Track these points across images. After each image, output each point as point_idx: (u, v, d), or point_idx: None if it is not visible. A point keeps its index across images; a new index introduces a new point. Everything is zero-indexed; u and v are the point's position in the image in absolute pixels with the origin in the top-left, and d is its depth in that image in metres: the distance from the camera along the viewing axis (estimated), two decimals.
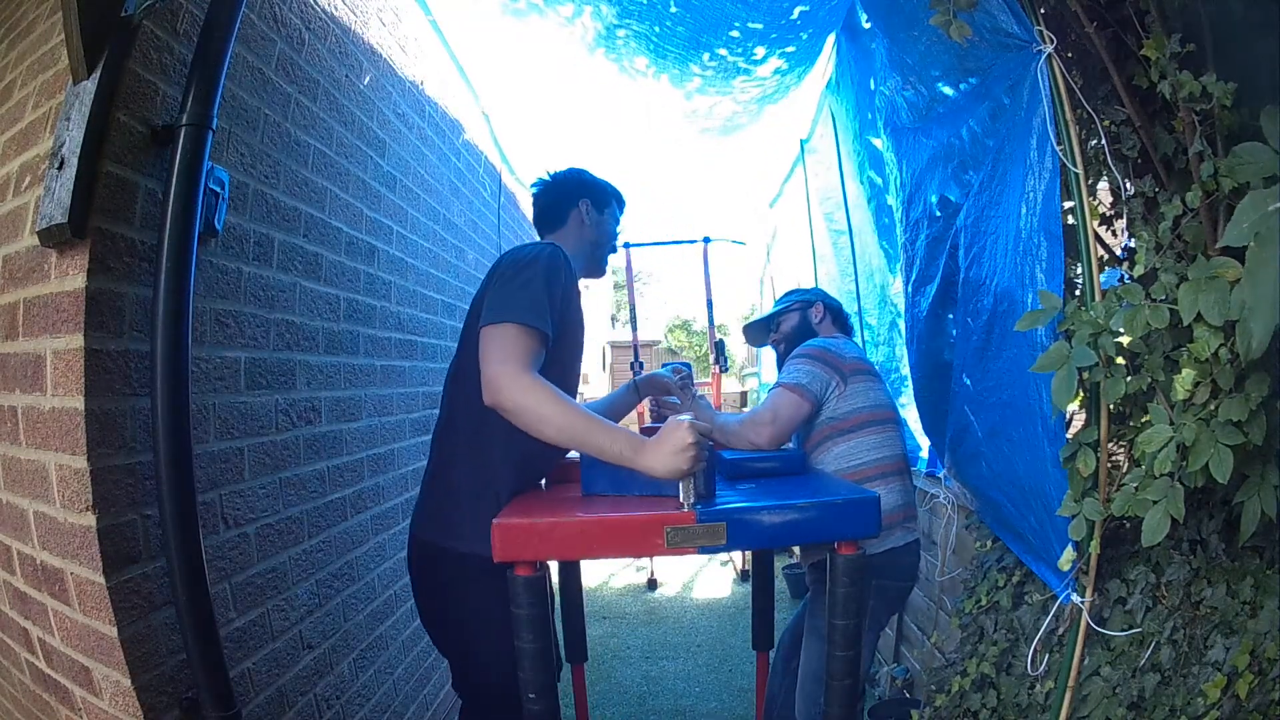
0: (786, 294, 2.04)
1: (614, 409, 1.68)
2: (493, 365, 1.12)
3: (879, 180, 2.40)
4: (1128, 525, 1.25)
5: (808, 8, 2.04)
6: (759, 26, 2.09)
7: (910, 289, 2.03)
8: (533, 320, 1.15)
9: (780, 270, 4.52)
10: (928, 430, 2.10)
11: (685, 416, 1.06)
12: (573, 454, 1.47)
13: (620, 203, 1.54)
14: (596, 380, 13.52)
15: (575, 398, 1.29)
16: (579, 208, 1.47)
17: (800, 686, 1.60)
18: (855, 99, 2.40)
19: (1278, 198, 0.91)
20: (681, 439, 1.02)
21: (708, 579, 4.35)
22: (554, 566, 1.73)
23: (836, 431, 1.64)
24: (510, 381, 1.10)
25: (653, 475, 1.03)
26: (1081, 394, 1.23)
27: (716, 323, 4.31)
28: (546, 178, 1.53)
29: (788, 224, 4.14)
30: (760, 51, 2.23)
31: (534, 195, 1.52)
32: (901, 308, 2.31)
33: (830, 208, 3.17)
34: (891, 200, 2.16)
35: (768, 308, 4.80)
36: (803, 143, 3.46)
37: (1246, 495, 1.04)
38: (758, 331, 2.00)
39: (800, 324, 1.88)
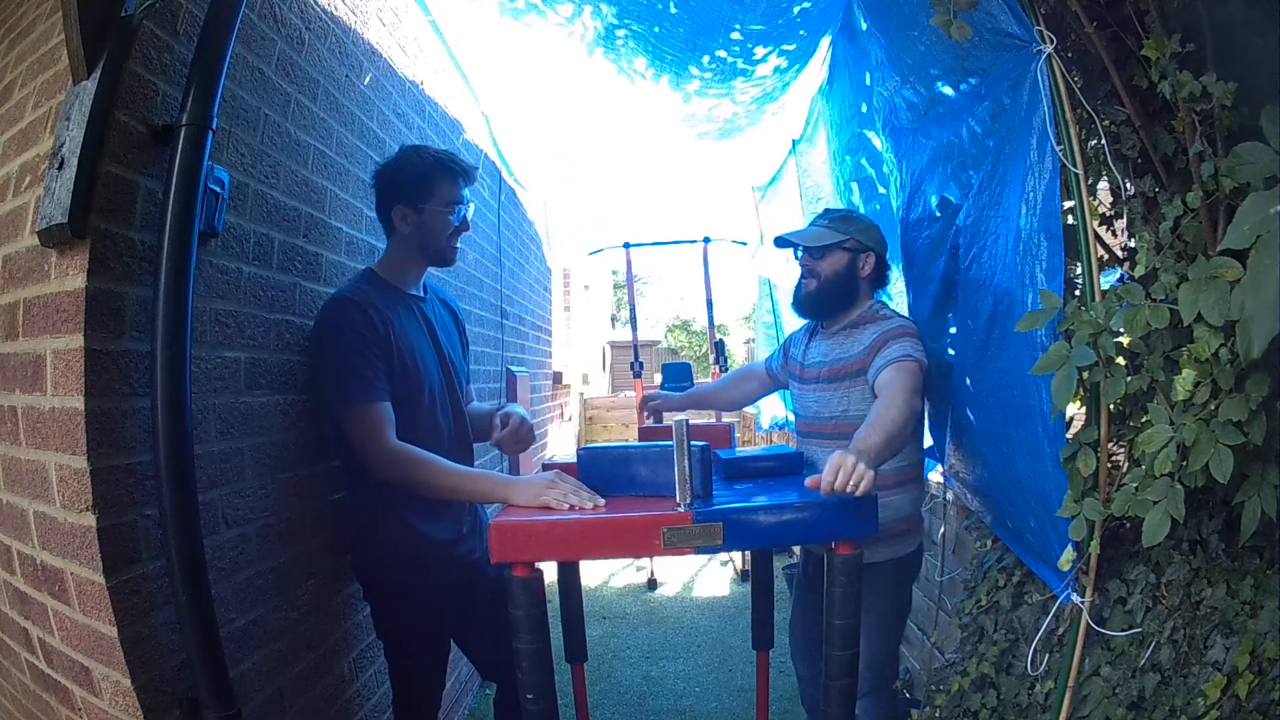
0: (840, 216, 1.73)
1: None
2: (362, 451, 1.32)
3: (873, 174, 2.40)
4: (1128, 525, 1.25)
5: (808, 4, 2.04)
6: (760, 28, 2.09)
7: (910, 289, 2.02)
8: (363, 395, 1.30)
9: (772, 267, 4.50)
10: (929, 429, 2.10)
11: (681, 417, 1.07)
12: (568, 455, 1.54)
13: (451, 172, 1.42)
14: (597, 380, 13.50)
15: (436, 414, 1.44)
16: (394, 216, 1.45)
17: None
18: (851, 95, 2.40)
19: (1278, 200, 0.91)
20: (546, 480, 1.17)
21: (708, 579, 4.35)
22: (552, 566, 1.73)
23: None
24: (385, 464, 1.30)
25: (514, 503, 1.18)
26: (1081, 394, 1.23)
27: (716, 323, 4.30)
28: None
29: (778, 225, 4.13)
30: (760, 51, 2.23)
31: None
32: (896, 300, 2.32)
33: (820, 208, 3.17)
34: (892, 200, 2.16)
35: (766, 306, 4.69)
36: (795, 142, 3.46)
37: (1246, 495, 1.04)
38: (791, 245, 1.74)
39: (846, 271, 1.65)
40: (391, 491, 1.34)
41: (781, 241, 1.75)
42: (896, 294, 2.35)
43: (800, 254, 1.72)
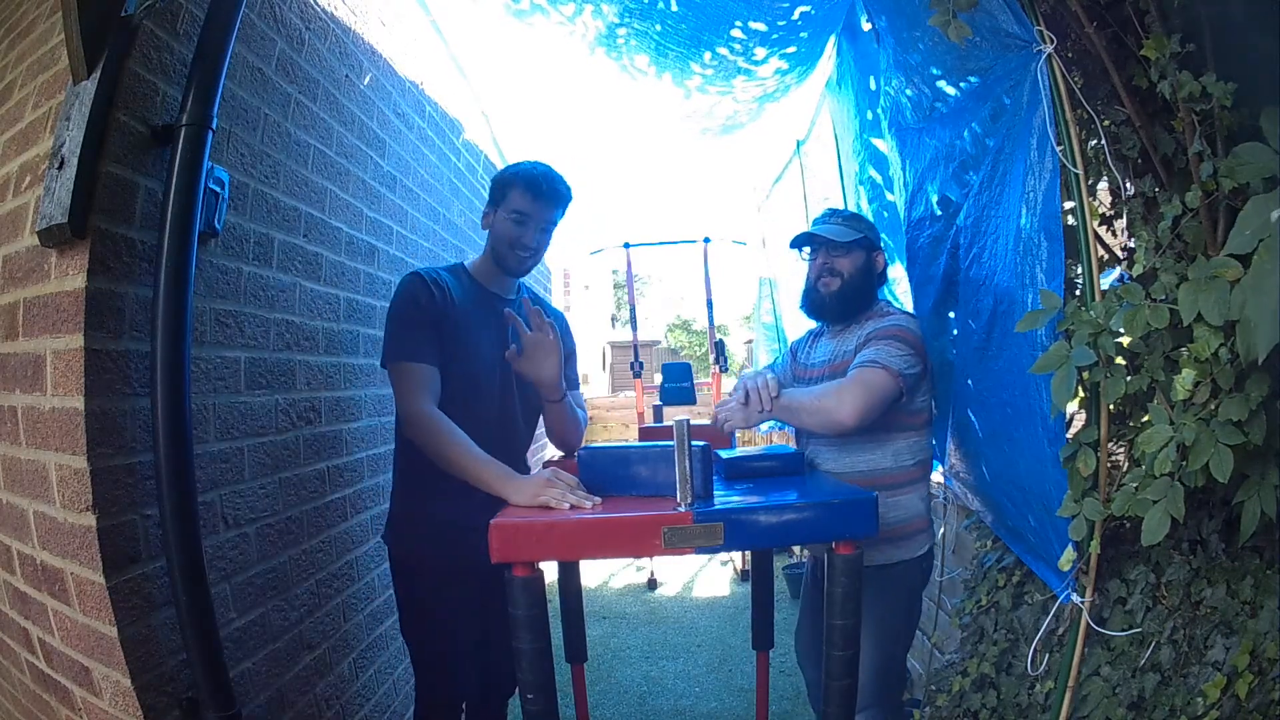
0: (850, 215, 1.69)
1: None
2: (399, 405, 1.38)
3: (879, 179, 2.39)
4: (1128, 525, 1.25)
5: (809, 8, 2.04)
6: (761, 27, 2.09)
7: (913, 288, 2.02)
8: (407, 356, 1.36)
9: (774, 267, 4.51)
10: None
11: (682, 416, 1.06)
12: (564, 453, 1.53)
13: (524, 182, 1.45)
14: (596, 380, 13.51)
15: (476, 401, 1.44)
16: (484, 214, 1.53)
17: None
18: (856, 99, 2.40)
19: (1279, 203, 0.91)
20: (543, 479, 1.17)
21: (708, 579, 4.35)
22: (552, 566, 1.73)
23: (905, 424, 1.51)
24: (409, 422, 1.34)
25: (512, 503, 1.17)
26: (1081, 394, 1.23)
27: (716, 323, 4.30)
28: None
29: (779, 226, 4.12)
30: (761, 53, 2.23)
31: None
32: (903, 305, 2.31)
33: (825, 208, 3.16)
34: (898, 202, 2.16)
35: (767, 307, 4.66)
36: (799, 143, 3.46)
37: (1246, 495, 1.04)
38: (811, 242, 1.65)
39: (864, 269, 1.59)
40: (423, 465, 1.34)
41: (803, 238, 1.66)
42: (901, 294, 2.36)
43: (816, 253, 1.64)
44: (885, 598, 1.45)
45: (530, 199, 1.44)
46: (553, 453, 1.69)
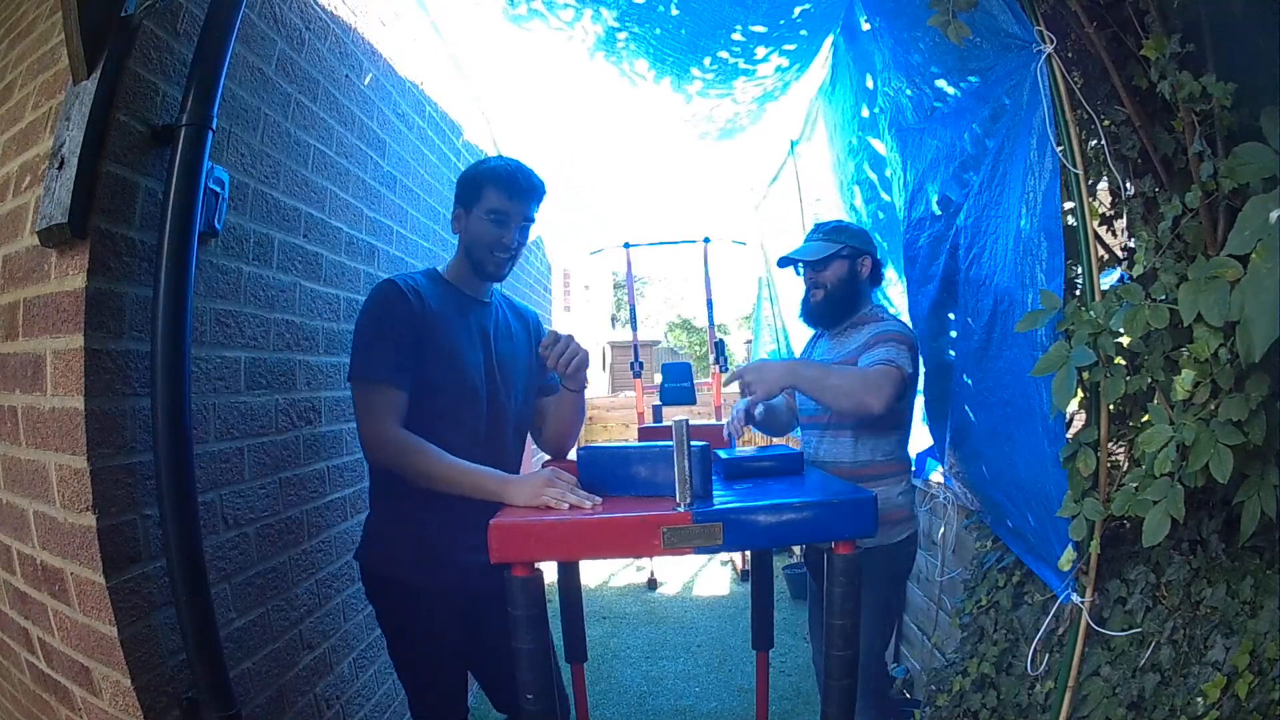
0: (831, 228, 1.83)
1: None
2: (363, 428, 1.29)
3: (875, 179, 2.39)
4: (1128, 525, 1.25)
5: (808, 6, 2.04)
6: (761, 29, 2.09)
7: (911, 288, 2.02)
8: (376, 374, 1.27)
9: (772, 270, 4.52)
10: (929, 429, 2.10)
11: (681, 417, 1.06)
12: (570, 454, 1.52)
13: (497, 181, 1.37)
14: (597, 380, 13.51)
15: (465, 413, 1.36)
16: (454, 217, 1.44)
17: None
18: (854, 99, 2.40)
19: (1278, 203, 0.91)
20: (543, 478, 1.15)
21: (708, 579, 4.35)
22: (552, 566, 1.73)
23: (886, 422, 1.66)
24: (378, 446, 1.26)
25: (513, 504, 1.16)
26: (1081, 394, 1.23)
27: (716, 323, 4.30)
28: None
29: (776, 225, 4.12)
30: (761, 51, 2.23)
31: None
32: (898, 306, 2.31)
33: (820, 209, 3.17)
34: (896, 201, 2.15)
35: (767, 309, 4.66)
36: (794, 143, 3.45)
37: (1246, 495, 1.04)
38: (796, 264, 1.83)
39: (848, 276, 1.76)
40: (405, 483, 1.28)
41: (784, 261, 1.85)
42: (898, 295, 2.36)
43: (803, 270, 1.82)
44: (864, 581, 1.47)
45: (507, 197, 1.37)
46: None
